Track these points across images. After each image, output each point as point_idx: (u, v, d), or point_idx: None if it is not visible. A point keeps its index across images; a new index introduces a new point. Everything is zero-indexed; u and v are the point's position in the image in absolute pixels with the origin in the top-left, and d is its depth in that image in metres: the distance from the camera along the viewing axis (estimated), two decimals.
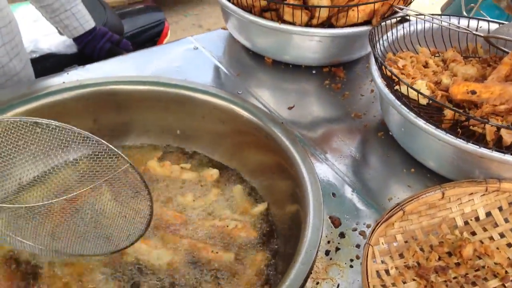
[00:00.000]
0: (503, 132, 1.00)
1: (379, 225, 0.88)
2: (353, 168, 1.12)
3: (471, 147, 0.94)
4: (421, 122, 0.99)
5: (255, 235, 1.08)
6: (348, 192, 1.06)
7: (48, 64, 1.76)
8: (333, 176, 1.09)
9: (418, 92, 1.02)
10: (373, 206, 1.03)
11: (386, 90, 1.05)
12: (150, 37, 2.01)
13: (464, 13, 2.53)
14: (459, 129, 1.02)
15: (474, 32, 1.20)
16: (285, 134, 1.15)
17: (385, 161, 1.15)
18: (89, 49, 1.69)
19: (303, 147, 1.08)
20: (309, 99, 1.32)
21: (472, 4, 2.57)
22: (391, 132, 1.17)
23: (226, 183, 1.21)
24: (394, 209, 0.91)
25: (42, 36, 1.84)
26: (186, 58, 1.44)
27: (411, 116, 1.00)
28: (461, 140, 0.95)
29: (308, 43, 1.30)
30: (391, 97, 1.04)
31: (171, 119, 1.28)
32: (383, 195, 1.06)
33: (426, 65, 1.23)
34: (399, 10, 1.25)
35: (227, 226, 1.08)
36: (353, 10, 1.23)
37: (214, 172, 1.22)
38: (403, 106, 1.02)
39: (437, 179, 1.10)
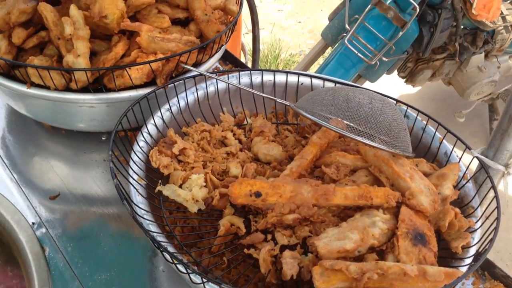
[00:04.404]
0: (283, 259, 0.74)
1: None
2: None
3: None
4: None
5: None
6: None
7: None
8: None
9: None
10: None
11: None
12: None
13: (347, 26, 2.30)
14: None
15: (278, 100, 0.93)
16: (30, 246, 0.86)
17: None
18: None
19: (48, 265, 0.80)
20: (85, 180, 1.02)
21: (357, 16, 2.35)
22: None
23: None
24: None
25: None
26: None
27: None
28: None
29: (77, 109, 0.98)
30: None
31: None
32: None
33: (224, 140, 0.96)
34: (192, 69, 0.96)
35: None
36: (129, 69, 0.93)
37: None
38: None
39: None
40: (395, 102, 0.96)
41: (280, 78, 1.03)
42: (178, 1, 0.99)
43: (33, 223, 0.92)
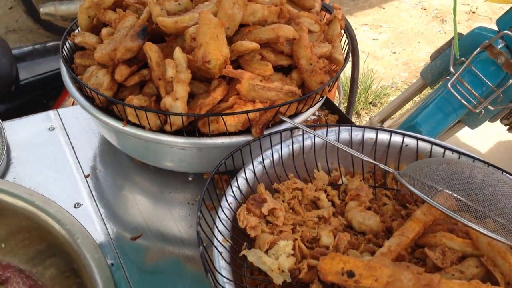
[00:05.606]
0: None
1: None
2: None
3: None
4: None
5: None
6: None
7: None
8: None
9: None
10: None
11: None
12: (55, 87, 1.65)
13: (451, 69, 2.15)
14: None
15: (381, 165, 0.85)
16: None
17: None
18: None
19: None
20: (167, 221, 0.99)
21: (463, 58, 2.19)
22: None
23: None
24: None
25: None
26: (32, 144, 1.12)
27: None
28: None
29: (168, 150, 0.96)
30: None
31: None
32: None
33: (317, 202, 0.89)
34: (288, 121, 0.91)
35: None
36: (225, 116, 0.89)
37: None
38: None
39: None
40: None
41: (382, 137, 0.95)
42: (283, 48, 0.95)
43: (112, 264, 0.90)
